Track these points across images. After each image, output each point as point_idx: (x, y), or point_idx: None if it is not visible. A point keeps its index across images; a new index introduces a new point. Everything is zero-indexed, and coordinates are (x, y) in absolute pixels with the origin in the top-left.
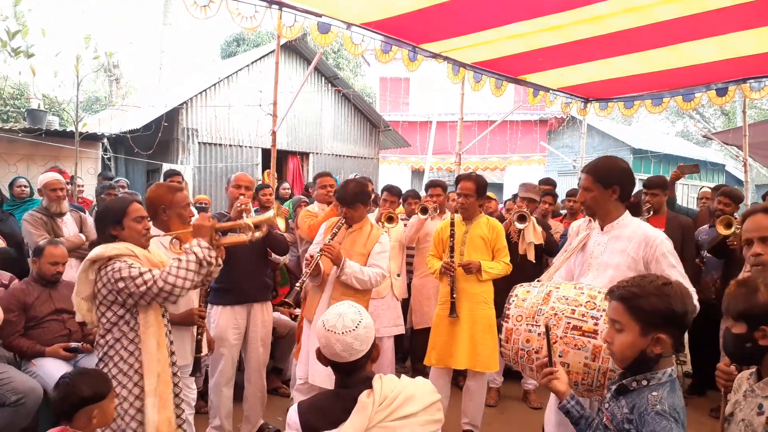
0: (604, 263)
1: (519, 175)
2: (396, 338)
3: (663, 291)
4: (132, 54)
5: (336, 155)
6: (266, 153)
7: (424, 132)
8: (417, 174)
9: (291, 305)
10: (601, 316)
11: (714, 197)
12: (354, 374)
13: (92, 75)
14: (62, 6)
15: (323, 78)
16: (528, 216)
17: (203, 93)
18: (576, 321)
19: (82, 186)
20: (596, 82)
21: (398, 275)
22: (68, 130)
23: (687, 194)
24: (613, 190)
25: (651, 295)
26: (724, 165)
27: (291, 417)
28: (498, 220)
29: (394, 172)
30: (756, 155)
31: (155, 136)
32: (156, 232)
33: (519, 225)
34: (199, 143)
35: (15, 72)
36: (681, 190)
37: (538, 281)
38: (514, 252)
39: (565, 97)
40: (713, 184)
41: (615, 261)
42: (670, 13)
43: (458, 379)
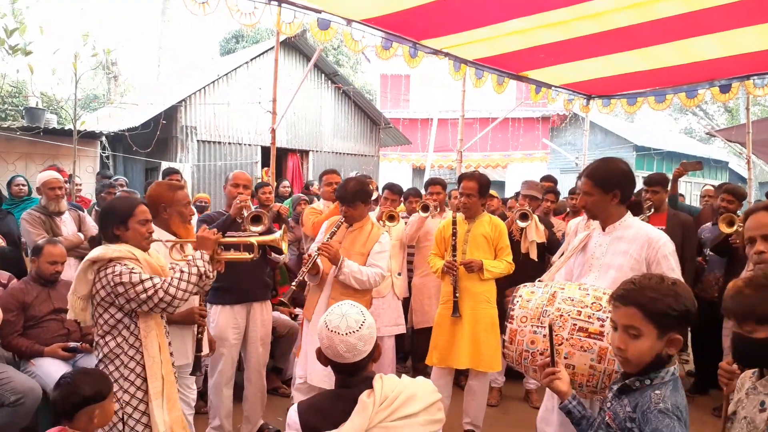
0: (606, 264)
1: (521, 173)
2: (397, 338)
3: (675, 291)
4: (131, 52)
5: (336, 153)
6: (266, 151)
7: (425, 129)
8: (418, 172)
9: (286, 304)
10: (607, 318)
11: (717, 195)
12: (355, 375)
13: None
14: (61, 3)
15: (323, 75)
16: (530, 214)
17: (202, 90)
18: (582, 323)
19: (80, 185)
20: (599, 79)
21: (399, 274)
22: (66, 129)
23: (690, 192)
24: (614, 194)
25: (667, 297)
26: (728, 162)
27: (291, 417)
28: (500, 218)
29: (395, 170)
30: (759, 152)
31: (154, 134)
32: (158, 235)
33: (521, 223)
34: (198, 141)
35: (13, 70)
36: (684, 188)
37: (540, 281)
38: (517, 250)
39: (568, 94)
40: (716, 182)
41: (617, 262)
42: (673, 10)
43: (460, 379)
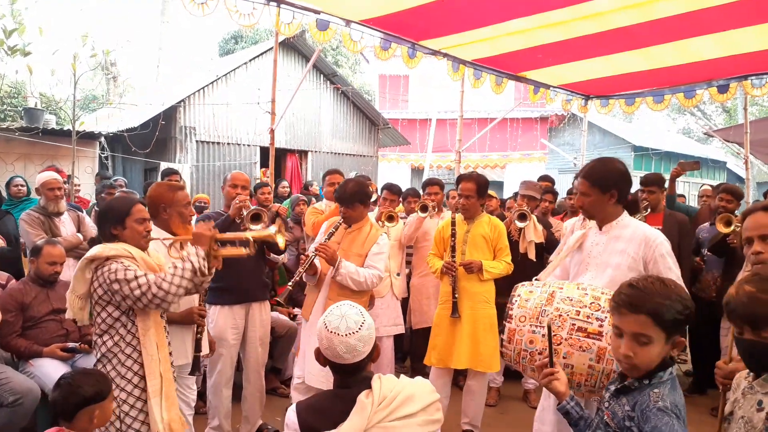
0: (604, 263)
1: (519, 173)
2: (395, 338)
3: (679, 294)
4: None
5: (335, 153)
6: (264, 151)
7: (424, 130)
8: (417, 172)
9: (282, 305)
10: (606, 318)
11: (715, 195)
12: (354, 375)
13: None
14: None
15: (322, 75)
16: (528, 214)
17: (201, 91)
18: (581, 322)
19: (79, 185)
20: (597, 79)
21: (398, 274)
22: (65, 129)
23: (688, 192)
24: (611, 194)
25: (675, 302)
26: (725, 162)
27: (289, 417)
28: (499, 219)
29: (394, 170)
30: (757, 152)
31: (153, 135)
32: (156, 234)
33: (519, 223)
34: (197, 141)
35: (12, 70)
36: (682, 188)
37: (537, 280)
38: (515, 250)
39: (566, 94)
40: (714, 182)
41: (615, 261)
42: (672, 10)
43: (458, 379)
